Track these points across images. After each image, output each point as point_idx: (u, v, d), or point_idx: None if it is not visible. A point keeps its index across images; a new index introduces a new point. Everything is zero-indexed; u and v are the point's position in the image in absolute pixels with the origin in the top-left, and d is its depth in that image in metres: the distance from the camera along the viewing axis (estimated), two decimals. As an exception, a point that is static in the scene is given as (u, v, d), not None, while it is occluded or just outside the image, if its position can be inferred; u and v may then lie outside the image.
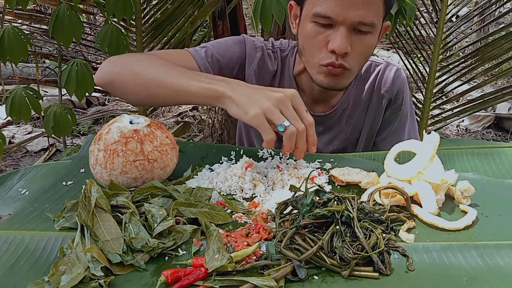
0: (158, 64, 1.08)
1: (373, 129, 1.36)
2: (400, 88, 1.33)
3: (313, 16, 1.07)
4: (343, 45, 1.05)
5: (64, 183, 0.99)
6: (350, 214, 0.75)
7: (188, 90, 1.01)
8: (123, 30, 1.97)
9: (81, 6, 2.13)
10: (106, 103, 4.45)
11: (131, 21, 2.15)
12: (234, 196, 0.94)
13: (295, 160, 1.06)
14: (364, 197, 0.88)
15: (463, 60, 2.59)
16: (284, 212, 0.83)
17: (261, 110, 0.91)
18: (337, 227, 0.74)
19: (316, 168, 1.03)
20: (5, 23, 1.82)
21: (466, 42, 4.57)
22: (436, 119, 2.66)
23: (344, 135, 1.34)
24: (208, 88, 0.99)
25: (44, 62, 4.32)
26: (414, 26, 2.55)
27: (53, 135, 1.93)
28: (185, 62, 1.17)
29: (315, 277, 0.70)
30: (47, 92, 3.75)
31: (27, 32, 2.08)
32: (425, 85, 2.58)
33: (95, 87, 1.85)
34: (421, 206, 0.85)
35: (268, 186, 0.97)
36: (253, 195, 0.94)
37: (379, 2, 1.06)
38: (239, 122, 1.47)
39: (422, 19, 2.64)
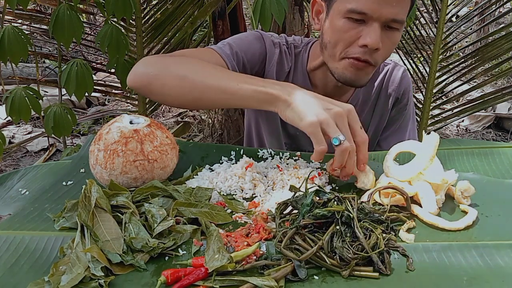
0: (201, 66, 1.05)
1: (379, 127, 1.38)
2: (406, 88, 1.36)
3: (347, 12, 1.07)
4: (376, 40, 1.06)
5: (64, 183, 0.99)
6: (350, 214, 0.75)
7: (240, 94, 0.98)
8: (123, 30, 1.97)
9: (81, 6, 2.13)
10: (106, 103, 4.45)
11: (131, 21, 2.15)
12: (234, 196, 0.94)
13: (295, 160, 1.06)
14: (364, 197, 0.88)
15: (463, 60, 2.59)
16: (284, 212, 0.83)
17: (318, 120, 0.89)
18: (337, 227, 0.74)
19: (316, 168, 1.03)
20: (5, 23, 1.82)
21: (466, 42, 4.58)
22: (436, 119, 2.66)
23: None
24: (262, 91, 0.97)
25: (44, 62, 4.32)
26: (414, 26, 2.55)
27: (53, 135, 1.93)
28: (213, 62, 1.13)
29: (315, 277, 0.70)
30: (47, 92, 3.75)
31: (27, 32, 2.08)
32: (425, 85, 2.58)
33: (94, 87, 1.85)
34: (421, 206, 0.85)
35: (268, 186, 0.97)
36: (253, 195, 0.94)
37: (409, 0, 1.09)
38: (248, 120, 1.46)
39: (422, 19, 2.64)
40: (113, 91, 2.41)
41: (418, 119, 2.60)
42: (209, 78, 1.01)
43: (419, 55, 2.62)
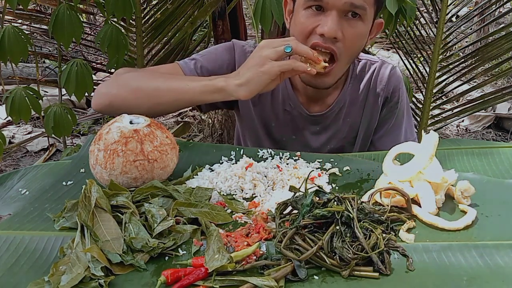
0: (154, 77, 1.15)
1: (370, 128, 1.36)
2: (396, 86, 1.33)
3: (305, 2, 1.08)
4: (333, 28, 1.06)
5: (64, 183, 0.99)
6: (350, 215, 0.75)
7: (191, 91, 1.08)
8: (123, 30, 1.97)
9: (81, 6, 2.13)
10: (106, 103, 4.43)
11: (131, 21, 2.15)
12: (234, 196, 0.94)
13: (295, 160, 1.06)
14: (365, 198, 0.88)
15: (463, 60, 2.59)
16: (284, 212, 0.83)
17: (267, 60, 1.01)
18: (337, 227, 0.74)
19: (316, 168, 1.03)
20: (5, 23, 1.82)
21: (466, 42, 4.58)
22: (436, 119, 2.66)
23: (341, 134, 1.34)
24: (210, 84, 1.07)
25: (44, 62, 4.32)
26: (414, 26, 2.54)
27: (53, 135, 1.93)
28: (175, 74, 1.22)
29: (315, 277, 0.70)
30: (47, 92, 3.75)
31: (27, 32, 2.08)
32: (425, 85, 2.57)
33: (94, 87, 1.85)
34: (420, 206, 0.85)
35: (268, 186, 0.97)
36: (253, 195, 0.94)
37: None
38: (236, 132, 1.48)
39: (422, 19, 2.64)
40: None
41: (418, 119, 2.60)
42: (160, 84, 1.11)
43: (419, 55, 2.61)
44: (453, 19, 2.94)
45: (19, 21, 2.19)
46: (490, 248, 0.75)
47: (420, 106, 2.61)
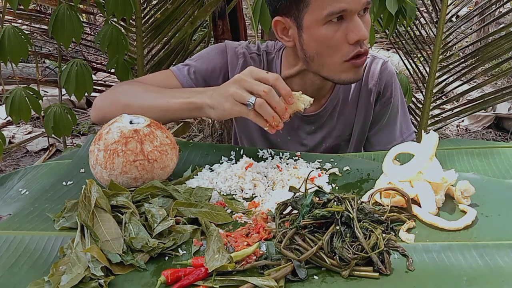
0: (141, 91, 1.17)
1: (365, 124, 1.35)
2: (388, 81, 1.32)
3: (326, 17, 1.05)
4: (364, 31, 1.06)
5: (64, 183, 0.99)
6: (350, 215, 0.75)
7: (171, 108, 1.09)
8: (123, 30, 1.98)
9: (81, 6, 2.13)
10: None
11: (131, 21, 2.15)
12: (234, 196, 0.94)
13: (295, 160, 1.06)
14: (365, 198, 0.88)
15: (463, 60, 2.59)
16: (284, 213, 0.83)
17: (231, 99, 0.98)
18: (337, 227, 0.74)
19: (316, 168, 1.03)
20: (5, 23, 1.82)
21: (466, 42, 4.57)
22: (436, 119, 2.66)
23: (336, 132, 1.34)
24: (187, 102, 1.08)
25: (44, 62, 4.32)
26: (414, 26, 2.54)
27: (53, 135, 1.93)
28: (168, 83, 1.24)
29: (315, 277, 0.70)
30: (47, 92, 3.75)
31: (27, 32, 2.08)
32: (425, 85, 2.57)
33: (94, 87, 1.85)
34: (420, 206, 0.85)
35: (268, 186, 0.97)
36: (253, 195, 0.94)
37: None
38: (234, 134, 1.49)
39: (422, 19, 2.64)
40: (113, 91, 2.41)
41: (418, 119, 2.60)
42: (145, 101, 1.13)
43: (419, 55, 2.61)
44: (453, 19, 2.94)
45: (19, 21, 2.20)
46: (490, 248, 0.75)
47: (420, 106, 2.61)
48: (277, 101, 0.96)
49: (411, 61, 2.59)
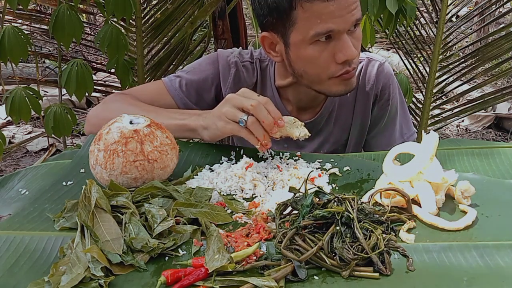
0: (136, 111, 1.13)
1: (363, 128, 1.34)
2: (385, 83, 1.29)
3: (312, 37, 1.04)
4: (353, 51, 1.05)
5: (64, 183, 0.99)
6: (350, 215, 0.75)
7: (167, 129, 1.09)
8: (123, 30, 1.97)
9: (81, 6, 2.13)
10: (106, 103, 4.42)
11: (131, 21, 2.15)
12: (234, 196, 0.94)
13: (295, 160, 1.06)
14: (365, 198, 0.88)
15: (463, 60, 2.59)
16: (284, 213, 0.83)
17: (224, 117, 1.00)
18: (337, 228, 0.74)
19: (316, 169, 1.03)
20: (5, 23, 1.82)
21: (466, 42, 4.57)
22: (436, 119, 2.66)
23: (333, 137, 1.33)
24: (181, 124, 1.09)
25: (44, 62, 4.32)
26: (414, 26, 2.54)
27: (53, 135, 1.93)
28: (159, 98, 1.24)
29: (315, 277, 0.70)
30: (47, 92, 3.75)
31: (27, 32, 2.08)
32: (425, 85, 2.57)
33: (94, 87, 1.85)
34: (420, 206, 0.85)
35: (268, 186, 0.97)
36: (253, 195, 0.94)
37: None
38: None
39: (422, 19, 2.64)
40: (113, 91, 2.41)
41: (418, 119, 2.60)
42: None
43: (419, 55, 2.61)
44: (453, 19, 2.94)
45: (19, 21, 2.19)
46: (490, 248, 0.75)
47: (420, 106, 2.61)
48: (265, 115, 0.97)
49: (411, 61, 2.59)
